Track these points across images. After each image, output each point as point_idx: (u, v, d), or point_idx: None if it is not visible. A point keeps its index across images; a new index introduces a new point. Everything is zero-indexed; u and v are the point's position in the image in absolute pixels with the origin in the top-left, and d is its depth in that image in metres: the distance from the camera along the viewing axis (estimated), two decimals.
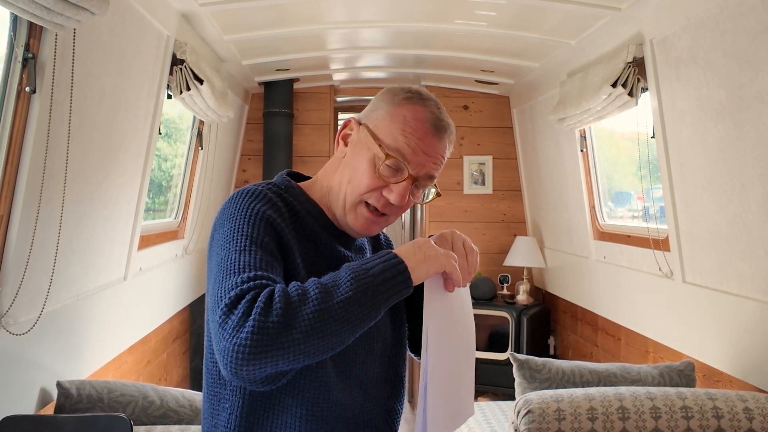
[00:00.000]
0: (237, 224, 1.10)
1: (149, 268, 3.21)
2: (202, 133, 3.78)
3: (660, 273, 2.88)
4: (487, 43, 3.49)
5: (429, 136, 1.17)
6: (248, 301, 0.98)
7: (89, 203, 2.35)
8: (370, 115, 1.21)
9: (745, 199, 2.21)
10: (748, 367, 2.38)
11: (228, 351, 0.95)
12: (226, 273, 1.04)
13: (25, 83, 1.82)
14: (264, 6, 2.85)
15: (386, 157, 1.15)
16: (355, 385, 1.18)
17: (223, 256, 1.07)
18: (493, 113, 4.86)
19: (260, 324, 0.95)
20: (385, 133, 1.17)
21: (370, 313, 1.02)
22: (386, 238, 1.43)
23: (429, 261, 1.09)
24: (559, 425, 2.02)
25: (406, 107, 1.18)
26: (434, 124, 1.18)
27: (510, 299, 4.59)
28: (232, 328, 0.96)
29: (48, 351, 2.25)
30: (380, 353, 1.24)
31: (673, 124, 2.57)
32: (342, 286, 1.01)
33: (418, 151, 1.16)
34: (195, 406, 2.35)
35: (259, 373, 0.97)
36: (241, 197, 1.14)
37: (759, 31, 1.96)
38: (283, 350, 0.95)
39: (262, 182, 1.19)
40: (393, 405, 1.25)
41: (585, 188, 3.69)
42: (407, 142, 1.16)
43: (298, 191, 1.22)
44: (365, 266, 1.05)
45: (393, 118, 1.17)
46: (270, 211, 1.12)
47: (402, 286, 1.05)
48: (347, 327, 1.00)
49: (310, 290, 1.00)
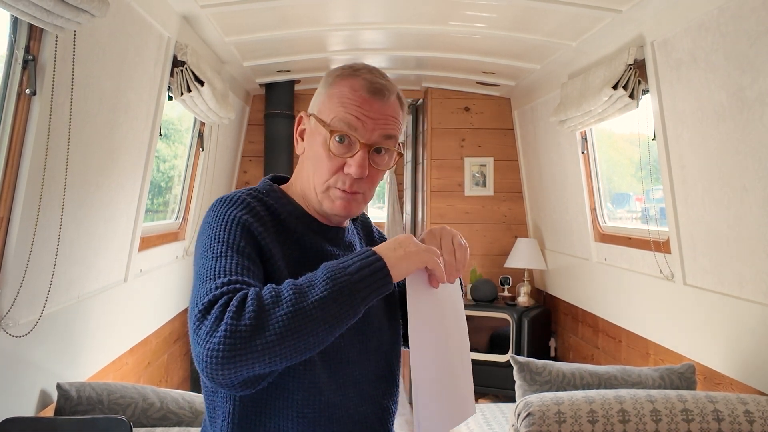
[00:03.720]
0: (214, 231, 1.10)
1: (150, 269, 3.21)
2: (203, 134, 3.78)
3: (661, 275, 2.88)
4: (488, 45, 3.49)
5: (369, 101, 1.17)
6: (221, 306, 0.97)
7: (89, 205, 2.35)
8: (313, 103, 1.22)
9: (746, 201, 2.20)
10: (749, 370, 2.38)
11: (202, 356, 0.95)
12: (202, 280, 1.04)
13: (26, 85, 1.82)
14: (265, 8, 2.85)
15: (331, 134, 1.15)
16: (349, 384, 1.17)
17: (201, 264, 1.07)
18: (495, 115, 4.86)
19: (232, 328, 0.94)
20: (327, 113, 1.17)
21: (347, 312, 1.01)
22: (380, 234, 1.42)
23: (409, 257, 1.07)
24: (559, 428, 2.02)
25: (340, 83, 1.18)
26: (370, 88, 1.17)
27: (511, 301, 4.59)
28: (205, 333, 0.96)
29: (48, 353, 2.25)
30: (375, 350, 1.23)
31: (674, 126, 2.56)
32: (317, 285, 1.00)
33: (363, 117, 1.16)
34: (195, 408, 2.35)
35: (235, 377, 0.96)
36: (219, 205, 1.14)
37: (760, 33, 1.96)
38: (257, 353, 0.95)
39: (242, 189, 1.19)
40: (387, 403, 1.24)
41: (586, 190, 3.69)
42: (348, 112, 1.15)
43: (279, 194, 1.22)
44: (342, 265, 1.04)
45: (330, 97, 1.18)
46: (247, 215, 1.12)
47: (381, 283, 1.04)
48: (323, 326, 0.99)
49: (284, 292, 0.99)
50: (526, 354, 4.22)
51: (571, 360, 4.30)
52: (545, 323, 4.57)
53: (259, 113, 4.71)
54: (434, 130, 4.85)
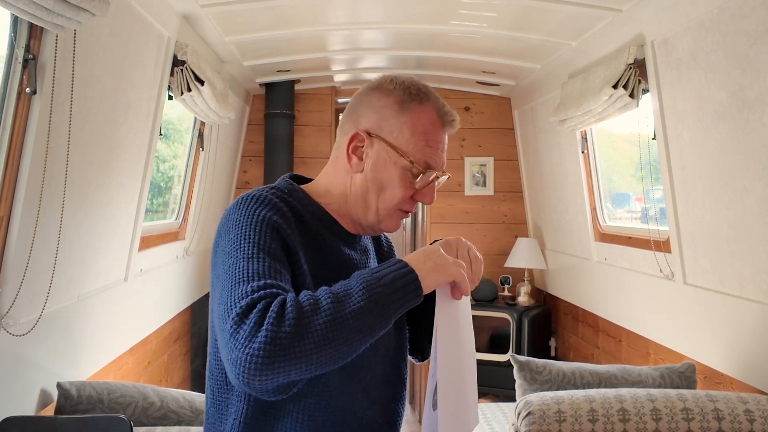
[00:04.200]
0: (243, 231, 1.09)
1: (150, 269, 3.21)
2: (203, 134, 3.78)
3: (661, 274, 2.88)
4: (488, 45, 3.49)
5: (443, 132, 1.22)
6: (260, 311, 0.97)
7: (90, 204, 2.35)
8: (379, 125, 1.20)
9: (747, 200, 2.20)
10: (749, 369, 2.38)
11: (240, 361, 0.95)
12: (235, 281, 1.03)
13: (26, 84, 1.82)
14: (265, 7, 2.85)
15: (422, 173, 1.19)
16: (358, 389, 1.18)
17: (231, 263, 1.06)
18: (495, 114, 4.86)
19: (273, 334, 0.94)
20: (404, 143, 1.19)
21: (381, 323, 1.02)
22: (386, 238, 1.43)
23: (439, 270, 1.09)
24: (559, 427, 2.02)
25: (417, 112, 1.19)
26: (446, 120, 1.21)
27: (511, 300, 4.59)
28: (244, 338, 0.95)
29: (48, 352, 2.25)
30: (383, 355, 1.24)
31: (674, 126, 2.56)
32: (354, 295, 1.01)
33: (440, 149, 1.21)
34: (195, 407, 2.35)
35: (271, 383, 0.97)
36: (247, 203, 1.13)
37: (760, 32, 1.96)
38: (295, 360, 0.95)
39: (265, 187, 1.19)
40: (395, 407, 1.26)
41: (586, 189, 3.69)
42: (428, 145, 1.19)
43: (301, 194, 1.22)
44: (376, 275, 1.04)
45: (413, 130, 1.19)
46: (276, 216, 1.12)
47: (413, 295, 1.05)
48: (358, 337, 1.00)
49: (321, 300, 0.99)
50: (526, 354, 4.22)
51: (571, 360, 4.31)
52: (545, 323, 4.57)
53: (259, 113, 4.71)
54: None
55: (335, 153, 1.26)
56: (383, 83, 1.22)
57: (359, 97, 1.24)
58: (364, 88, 1.25)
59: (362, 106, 1.23)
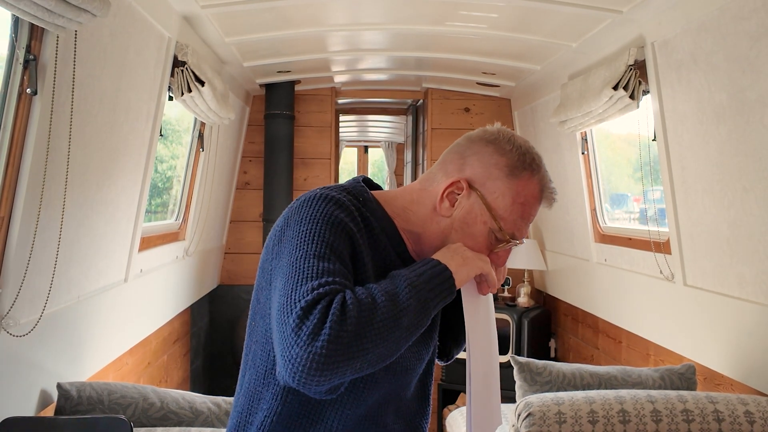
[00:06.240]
0: (317, 227, 1.07)
1: (150, 269, 3.21)
2: (203, 134, 3.78)
3: (661, 276, 2.88)
4: (488, 46, 3.49)
5: (538, 207, 1.20)
6: (323, 308, 0.97)
7: (90, 205, 2.35)
8: (484, 181, 1.18)
9: (747, 202, 2.20)
10: (749, 370, 2.38)
11: (302, 359, 0.94)
12: (301, 276, 1.02)
13: (27, 85, 1.82)
14: (265, 8, 2.85)
15: (506, 241, 1.17)
16: (392, 404, 1.19)
17: (299, 256, 1.04)
18: (495, 115, 4.85)
19: (335, 332, 0.95)
20: (502, 207, 1.17)
21: (422, 321, 1.03)
22: None
23: (468, 264, 1.11)
24: (559, 428, 2.02)
25: (525, 183, 1.17)
26: (547, 197, 1.20)
27: (511, 301, 4.59)
28: (307, 336, 0.95)
29: (48, 353, 2.25)
30: (423, 372, 1.26)
31: (675, 127, 2.56)
32: (401, 294, 1.02)
33: (528, 224, 1.20)
34: (195, 407, 2.35)
35: (328, 383, 0.97)
36: (322, 201, 1.10)
37: (760, 34, 1.96)
38: (353, 359, 0.96)
39: (336, 189, 1.16)
40: (419, 423, 1.26)
41: (586, 190, 3.69)
42: (523, 224, 1.19)
43: (375, 205, 1.19)
44: (414, 273, 1.06)
45: (514, 198, 1.17)
46: (350, 222, 1.10)
47: (448, 292, 1.07)
48: (405, 334, 1.01)
49: (377, 297, 1.00)
50: (526, 355, 4.22)
51: (571, 361, 4.30)
52: (545, 324, 4.57)
53: (259, 114, 4.71)
54: (434, 131, 4.85)
55: (428, 183, 1.22)
56: (501, 140, 1.19)
57: (472, 145, 1.20)
58: (479, 136, 1.21)
59: (473, 155, 1.19)
